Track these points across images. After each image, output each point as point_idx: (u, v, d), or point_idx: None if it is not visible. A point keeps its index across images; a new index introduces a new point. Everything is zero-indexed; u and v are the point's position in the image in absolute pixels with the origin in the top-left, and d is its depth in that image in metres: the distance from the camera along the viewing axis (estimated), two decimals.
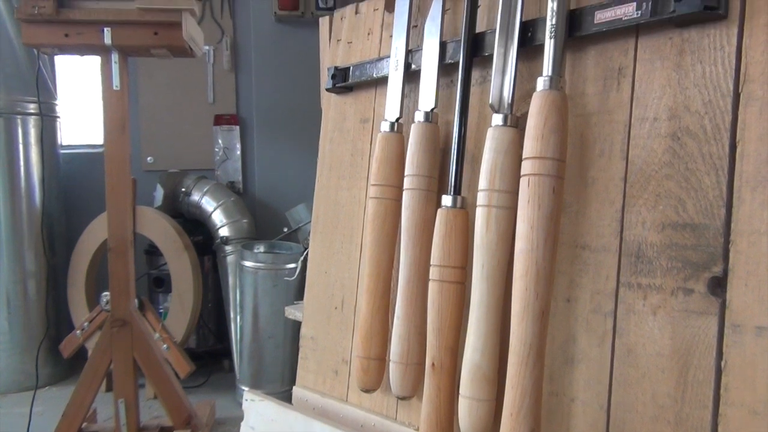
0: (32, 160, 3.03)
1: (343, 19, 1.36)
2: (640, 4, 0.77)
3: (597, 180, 0.86)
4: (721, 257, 0.72)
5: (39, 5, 2.09)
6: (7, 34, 2.93)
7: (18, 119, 3.00)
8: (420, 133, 1.04)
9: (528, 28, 0.91)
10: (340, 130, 1.33)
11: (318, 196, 1.38)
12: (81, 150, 3.51)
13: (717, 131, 0.74)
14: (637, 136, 0.81)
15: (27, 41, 2.16)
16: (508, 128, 0.90)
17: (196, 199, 3.18)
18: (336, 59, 1.35)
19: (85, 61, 3.56)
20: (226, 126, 3.43)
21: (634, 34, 0.82)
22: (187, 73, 3.34)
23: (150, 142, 3.43)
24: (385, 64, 1.16)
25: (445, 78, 1.08)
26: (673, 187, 0.77)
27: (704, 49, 0.75)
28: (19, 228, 2.99)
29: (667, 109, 0.78)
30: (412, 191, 1.04)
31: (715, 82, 0.74)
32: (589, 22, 0.83)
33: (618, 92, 0.84)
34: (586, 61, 0.88)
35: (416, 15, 1.15)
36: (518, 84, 0.93)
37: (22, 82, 2.95)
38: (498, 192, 0.89)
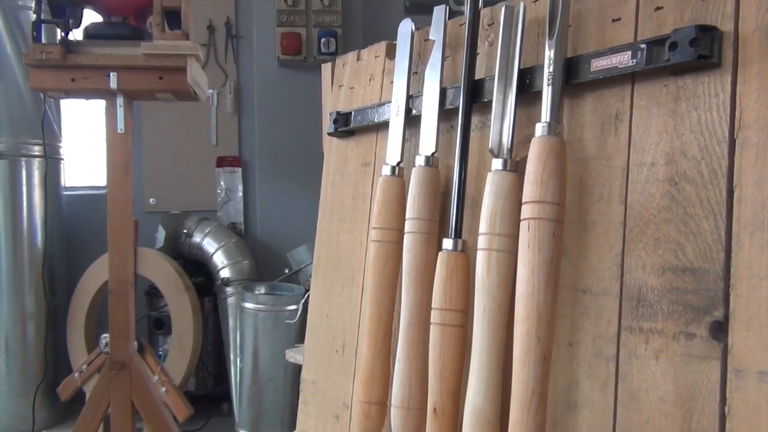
0: (35, 202, 3.05)
1: (345, 66, 1.38)
2: (635, 52, 0.79)
3: (596, 224, 0.86)
4: (722, 301, 0.72)
5: (47, 51, 2.14)
6: (15, 79, 2.98)
7: (23, 161, 3.03)
8: (421, 177, 1.05)
9: (526, 75, 0.93)
10: (342, 173, 1.34)
11: (319, 238, 1.39)
12: (84, 191, 3.53)
13: (714, 176, 0.74)
14: (635, 181, 0.82)
15: (34, 86, 2.20)
16: (508, 173, 0.91)
17: (197, 241, 3.18)
18: (338, 104, 1.37)
19: (89, 104, 3.61)
20: (229, 168, 3.46)
21: (630, 81, 0.84)
22: (190, 115, 3.38)
23: (153, 183, 3.46)
24: (387, 109, 1.18)
25: (446, 123, 1.10)
26: (672, 232, 0.78)
27: (699, 96, 0.76)
28: (20, 270, 2.99)
29: (664, 154, 0.79)
30: (413, 234, 1.04)
31: (711, 129, 0.75)
32: (586, 69, 0.85)
33: (615, 138, 0.85)
34: (583, 107, 0.89)
35: (417, 62, 1.17)
36: (517, 129, 0.94)
37: (27, 125, 2.99)
38: (498, 236, 0.89)
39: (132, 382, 2.22)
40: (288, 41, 3.18)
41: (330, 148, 1.38)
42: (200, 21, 3.33)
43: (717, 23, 0.75)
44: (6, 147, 2.97)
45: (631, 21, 0.84)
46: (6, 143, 2.97)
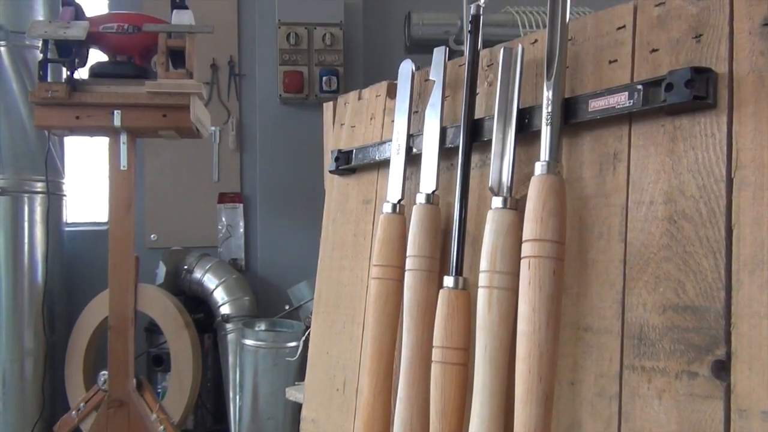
0: (37, 238, 3.06)
1: (346, 105, 1.40)
2: (632, 93, 0.81)
3: (597, 262, 0.87)
4: (724, 340, 0.72)
5: (53, 89, 2.17)
6: (20, 116, 3.01)
7: (25, 197, 3.04)
8: (421, 214, 1.06)
9: (525, 114, 0.95)
10: (343, 210, 1.35)
11: (320, 275, 1.39)
12: (85, 227, 3.54)
13: (713, 215, 0.75)
14: (634, 219, 0.83)
15: (39, 123, 2.23)
16: (508, 211, 0.92)
17: (198, 277, 3.18)
18: (339, 142, 1.39)
19: (92, 140, 3.65)
20: (230, 204, 3.47)
21: (627, 121, 0.85)
22: (192, 152, 3.41)
23: (154, 219, 3.47)
24: (387, 147, 1.20)
25: (446, 161, 1.11)
26: (672, 270, 0.78)
27: (696, 136, 0.77)
28: (19, 306, 2.98)
29: (662, 193, 0.80)
30: (414, 272, 1.05)
31: (708, 168, 0.76)
32: (584, 109, 0.87)
33: (614, 176, 0.86)
34: (582, 146, 0.91)
35: (417, 101, 1.19)
36: (517, 168, 0.95)
37: (31, 162, 3.02)
38: (499, 273, 0.90)
39: (130, 420, 2.20)
40: (290, 79, 3.22)
41: (331, 186, 1.40)
42: (204, 60, 3.38)
43: (712, 65, 0.76)
44: (9, 183, 2.99)
45: (627, 63, 0.86)
46: (9, 179, 2.99)
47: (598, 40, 0.90)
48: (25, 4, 3.14)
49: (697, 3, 0.79)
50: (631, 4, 0.87)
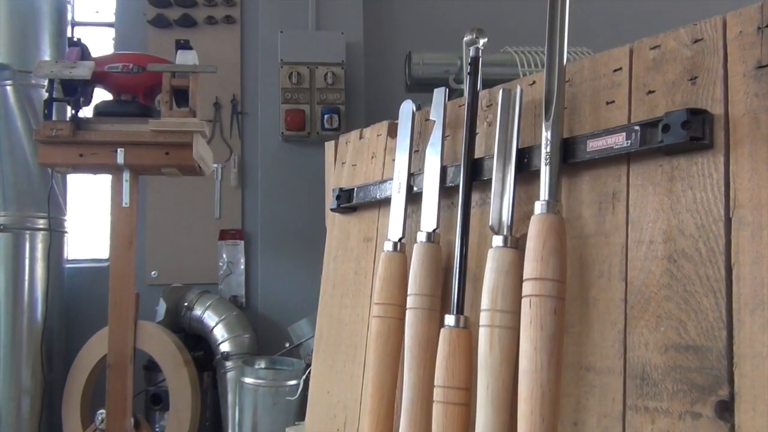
0: (37, 276, 3.05)
1: (348, 143, 1.42)
2: (629, 134, 0.82)
3: (598, 301, 0.87)
4: (726, 380, 0.72)
5: (57, 128, 2.19)
6: (24, 154, 3.04)
7: (26, 234, 3.05)
8: (422, 252, 1.07)
9: (524, 154, 0.96)
10: (344, 248, 1.35)
11: (321, 313, 1.38)
12: (86, 264, 3.54)
13: (712, 254, 0.75)
14: (634, 258, 0.83)
15: (43, 161, 2.25)
16: (508, 249, 0.92)
17: (198, 314, 3.16)
18: (341, 181, 1.40)
19: (95, 177, 3.67)
20: (231, 240, 3.48)
21: (625, 161, 0.86)
22: (194, 189, 3.43)
23: (155, 256, 3.47)
24: (388, 186, 1.21)
25: (446, 200, 1.12)
26: (673, 309, 0.78)
27: (693, 176, 0.78)
28: (18, 344, 2.96)
29: (662, 232, 0.81)
30: (415, 310, 1.05)
31: (707, 207, 0.77)
32: (582, 149, 0.88)
33: (613, 215, 0.87)
34: (581, 185, 0.91)
35: (418, 140, 1.20)
36: (517, 206, 0.96)
37: (33, 199, 3.03)
38: (500, 312, 0.90)
39: None
40: (292, 118, 3.26)
41: (333, 224, 1.40)
42: (207, 98, 3.42)
43: (707, 107, 0.78)
44: (11, 220, 3.00)
45: (624, 104, 0.87)
46: (11, 216, 3.00)
47: (595, 81, 0.92)
48: (32, 44, 3.19)
49: (692, 46, 0.81)
50: (627, 47, 0.88)
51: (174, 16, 3.48)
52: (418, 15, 3.74)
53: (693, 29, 0.81)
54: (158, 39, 3.44)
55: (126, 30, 3.54)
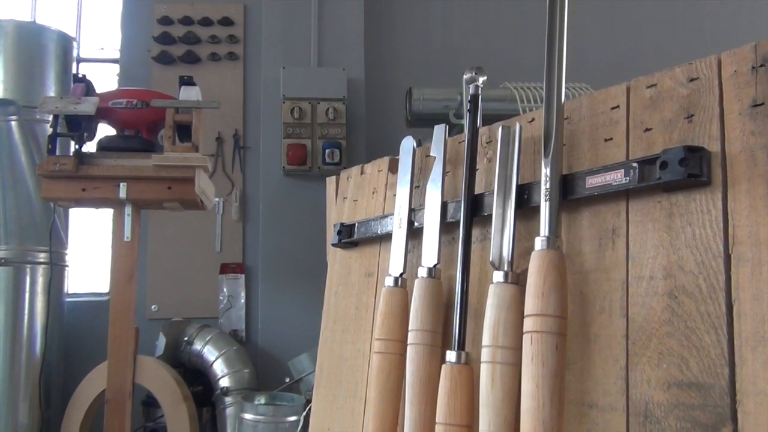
0: (37, 310, 3.04)
1: (349, 179, 1.43)
2: (628, 171, 0.83)
3: (599, 337, 0.87)
4: (730, 418, 0.72)
5: (60, 162, 2.21)
6: (27, 188, 3.05)
7: (27, 268, 3.04)
8: (423, 288, 1.07)
9: (524, 190, 0.97)
10: (345, 283, 1.35)
11: (322, 349, 1.38)
12: (86, 298, 3.53)
13: (712, 290, 0.76)
14: (635, 294, 0.83)
15: (46, 196, 2.26)
16: (509, 285, 0.92)
17: (197, 348, 3.14)
18: (342, 216, 1.41)
19: (97, 211, 3.68)
20: (232, 274, 3.47)
21: (624, 198, 0.87)
22: (195, 222, 3.44)
23: (155, 290, 3.46)
24: (389, 221, 1.21)
25: (447, 235, 1.13)
26: (675, 345, 0.78)
27: (692, 212, 0.79)
28: (16, 379, 2.94)
29: (662, 268, 0.81)
30: (416, 346, 1.04)
31: (706, 244, 0.77)
32: (582, 186, 0.89)
33: (614, 251, 0.87)
34: (581, 221, 0.92)
35: (418, 176, 1.21)
36: (517, 242, 0.96)
37: (35, 232, 3.03)
38: (502, 348, 0.89)
39: None
40: (294, 152, 3.28)
41: (334, 259, 1.40)
42: (209, 133, 3.45)
43: (704, 144, 0.78)
44: (12, 254, 3.00)
45: (622, 141, 0.88)
46: (13, 250, 3.00)
47: (593, 119, 0.93)
48: (37, 80, 3.23)
49: (687, 85, 0.82)
50: (624, 86, 0.90)
51: (178, 53, 3.54)
52: (419, 51, 3.79)
53: (689, 68, 0.83)
54: (162, 75, 3.49)
55: (130, 66, 3.59)
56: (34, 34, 3.34)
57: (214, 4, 3.61)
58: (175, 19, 3.55)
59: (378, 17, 3.73)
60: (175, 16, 3.56)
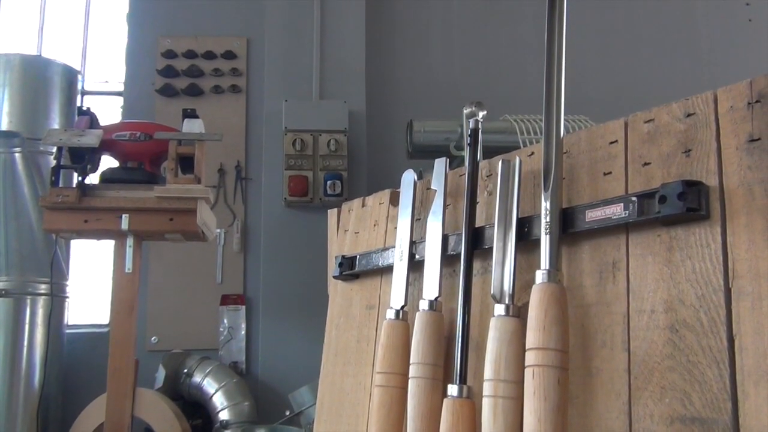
0: (36, 341, 3.03)
1: (350, 211, 1.44)
2: (627, 204, 0.83)
3: (601, 371, 0.86)
4: None
5: (63, 194, 2.23)
6: (29, 219, 3.06)
7: (27, 299, 3.04)
8: (425, 321, 1.07)
9: (524, 223, 0.97)
10: (347, 316, 1.35)
11: (323, 382, 1.37)
12: (86, 329, 3.51)
13: (713, 324, 0.76)
14: (636, 328, 0.83)
15: (48, 227, 2.27)
16: (511, 318, 0.92)
17: (197, 381, 3.12)
18: (343, 248, 1.41)
19: (98, 242, 3.68)
20: (233, 306, 3.46)
21: (624, 231, 0.87)
22: (196, 253, 3.44)
23: (156, 322, 3.45)
24: (391, 254, 1.22)
25: (448, 268, 1.13)
26: (677, 380, 0.78)
27: (691, 246, 0.79)
28: (13, 412, 2.91)
29: (662, 302, 0.81)
30: (418, 380, 1.04)
31: (706, 278, 0.77)
32: (581, 219, 0.89)
33: (614, 285, 0.87)
34: (581, 254, 0.92)
35: (419, 209, 1.22)
36: (518, 275, 0.97)
37: (36, 264, 3.04)
38: (504, 382, 0.89)
39: None
40: (295, 183, 3.30)
41: (335, 291, 1.41)
42: (212, 164, 3.48)
43: (702, 178, 0.79)
44: (13, 285, 3.00)
45: (621, 175, 0.89)
46: (13, 281, 3.00)
47: (592, 153, 0.94)
48: (42, 112, 3.27)
49: (684, 120, 0.83)
50: (622, 120, 0.91)
51: (181, 86, 3.58)
52: (419, 84, 3.84)
53: (685, 104, 0.84)
54: (166, 107, 3.52)
55: (134, 99, 3.64)
56: (40, 67, 3.39)
57: (217, 38, 3.67)
58: (179, 53, 3.61)
59: (379, 50, 3.78)
60: (179, 49, 3.61)
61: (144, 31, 3.68)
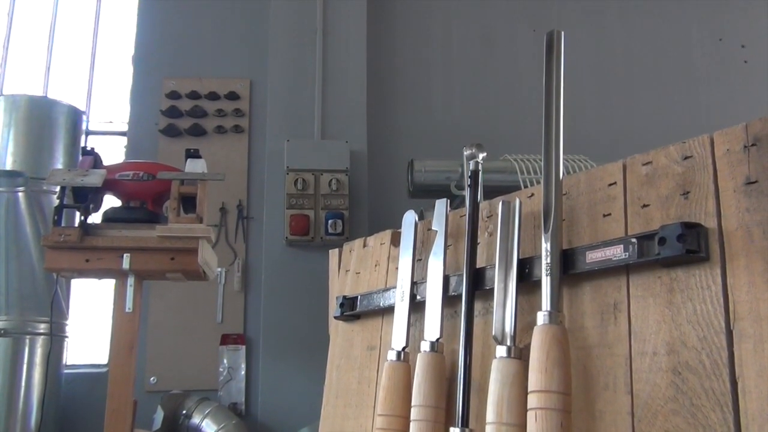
0: (34, 381, 3.00)
1: (351, 252, 1.44)
2: (627, 246, 0.84)
3: (604, 413, 0.86)
4: None
5: (65, 234, 2.23)
6: (30, 259, 3.07)
7: (26, 339, 3.02)
8: (426, 362, 1.06)
9: (525, 265, 0.98)
10: (348, 357, 1.34)
11: (323, 424, 1.35)
12: (84, 369, 3.48)
13: (716, 367, 0.75)
14: (639, 370, 0.83)
15: (49, 266, 2.27)
16: (512, 360, 0.92)
17: (196, 422, 3.08)
18: (344, 288, 1.41)
19: (98, 281, 3.68)
20: (233, 345, 3.44)
21: (624, 273, 0.87)
22: (197, 292, 3.43)
23: (155, 362, 3.42)
24: (392, 294, 1.22)
25: (449, 309, 1.13)
26: (681, 423, 0.77)
27: (692, 288, 0.80)
28: None
29: (664, 344, 0.81)
30: (420, 422, 1.03)
31: (707, 319, 0.77)
32: (582, 261, 0.90)
33: (616, 326, 0.87)
34: (582, 296, 0.92)
35: (420, 249, 1.23)
36: (519, 316, 0.97)
37: (36, 303, 3.03)
38: (506, 425, 0.88)
39: None
40: (296, 222, 3.31)
41: (336, 332, 1.40)
42: (213, 203, 3.49)
43: (701, 220, 0.80)
44: (12, 325, 2.98)
45: (620, 216, 0.90)
46: (13, 321, 2.99)
47: (591, 195, 0.95)
48: (46, 152, 3.30)
49: (682, 163, 0.84)
50: (620, 163, 0.92)
51: (185, 126, 3.62)
52: (420, 124, 3.88)
53: (682, 147, 0.85)
54: (169, 147, 3.56)
55: (138, 138, 3.67)
56: (45, 108, 3.44)
57: (221, 79, 3.72)
58: (183, 94, 3.66)
59: (380, 91, 3.83)
60: (183, 90, 3.66)
61: (149, 73, 3.74)
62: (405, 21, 4.03)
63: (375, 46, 3.82)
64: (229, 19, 3.86)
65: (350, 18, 3.69)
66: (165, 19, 3.84)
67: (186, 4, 3.87)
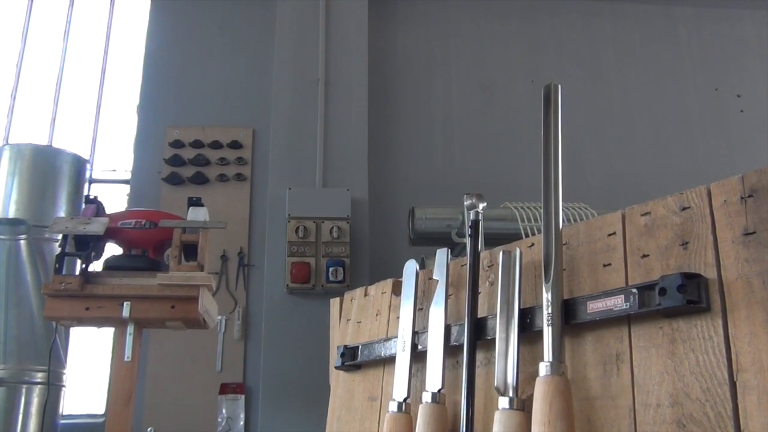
0: None
1: (353, 300, 1.44)
2: (628, 296, 0.84)
3: None
4: None
5: (66, 282, 2.23)
6: (30, 307, 3.05)
7: (23, 388, 2.98)
8: (428, 414, 1.05)
9: (527, 314, 0.97)
10: (348, 408, 1.33)
11: None
12: (81, 420, 3.43)
13: (720, 419, 0.75)
14: (643, 423, 0.82)
15: (49, 315, 2.26)
16: (515, 412, 0.91)
17: None
18: (345, 337, 1.40)
19: (96, 330, 3.65)
20: (232, 395, 3.39)
21: (626, 323, 0.87)
22: (196, 341, 3.40)
23: (153, 411, 3.36)
24: (393, 344, 1.21)
25: (451, 359, 1.12)
26: None
27: (694, 338, 0.79)
28: None
29: (668, 395, 0.80)
30: None
31: (710, 371, 0.77)
32: (583, 311, 0.90)
33: (618, 377, 0.87)
34: (584, 346, 0.92)
35: (422, 299, 1.22)
36: (521, 367, 0.96)
37: (35, 352, 3.00)
38: None
39: None
40: (297, 270, 3.31)
41: (337, 382, 1.39)
42: (215, 251, 3.50)
43: (701, 271, 0.80)
44: (9, 374, 2.95)
45: (620, 267, 0.90)
46: (10, 370, 2.95)
47: (591, 245, 0.95)
48: (49, 201, 3.32)
49: (680, 213, 0.85)
50: (620, 213, 0.93)
51: (187, 174, 3.65)
52: (421, 171, 3.91)
53: (680, 198, 0.86)
54: (171, 195, 3.58)
55: (141, 186, 3.70)
56: (49, 156, 3.48)
57: (224, 128, 3.77)
58: (186, 143, 3.70)
59: (381, 139, 3.88)
60: (186, 139, 3.71)
61: (153, 122, 3.79)
62: (406, 70, 4.11)
63: (376, 95, 3.88)
64: (232, 69, 3.94)
65: (352, 68, 3.76)
66: (170, 69, 3.92)
67: (191, 55, 3.96)
